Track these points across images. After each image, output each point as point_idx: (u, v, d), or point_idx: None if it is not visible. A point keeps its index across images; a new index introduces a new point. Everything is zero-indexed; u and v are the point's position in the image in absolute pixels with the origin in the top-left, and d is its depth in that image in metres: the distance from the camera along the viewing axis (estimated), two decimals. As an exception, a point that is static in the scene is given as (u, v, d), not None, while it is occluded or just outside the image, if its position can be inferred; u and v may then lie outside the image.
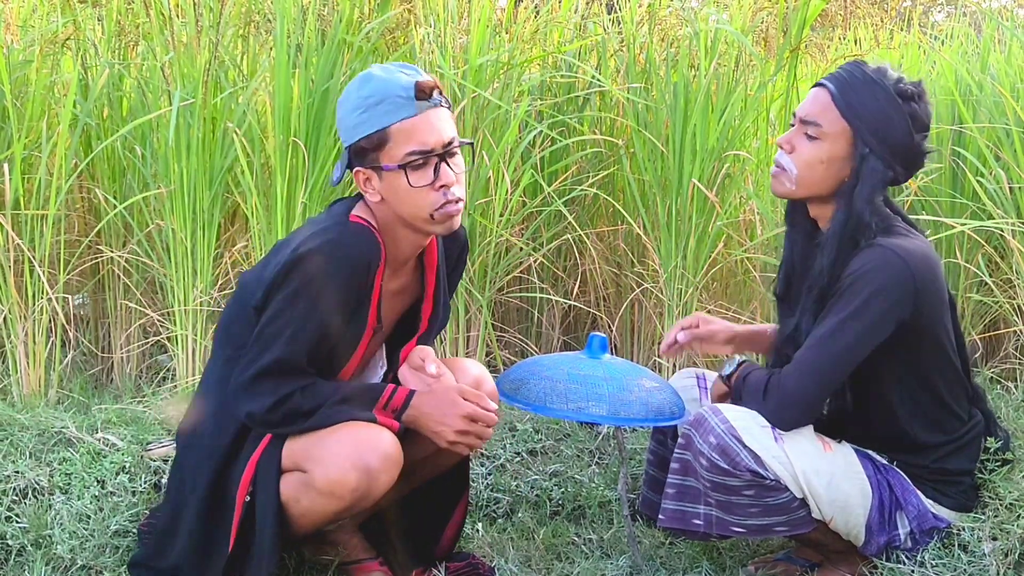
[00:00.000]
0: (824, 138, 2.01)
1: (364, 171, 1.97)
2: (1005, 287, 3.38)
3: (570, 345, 3.67)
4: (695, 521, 2.06)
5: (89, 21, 3.44)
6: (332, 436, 1.91)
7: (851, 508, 2.02)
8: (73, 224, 3.55)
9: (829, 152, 2.02)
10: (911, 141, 2.00)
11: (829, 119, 2.01)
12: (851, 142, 2.01)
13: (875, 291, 1.94)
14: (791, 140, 2.05)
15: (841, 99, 2.00)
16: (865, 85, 1.99)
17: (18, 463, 2.41)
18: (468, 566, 2.23)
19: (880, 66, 2.03)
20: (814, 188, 2.05)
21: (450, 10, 3.38)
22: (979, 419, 2.16)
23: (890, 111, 1.98)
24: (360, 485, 1.89)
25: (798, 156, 2.04)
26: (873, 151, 1.99)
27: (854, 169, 2.00)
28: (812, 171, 2.03)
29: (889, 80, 2.00)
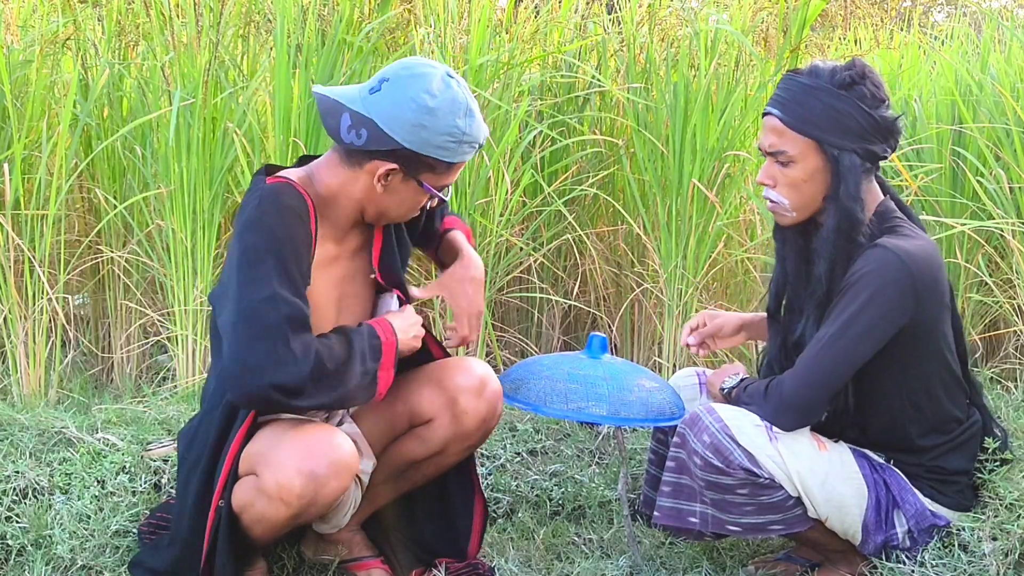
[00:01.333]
0: (795, 160, 2.02)
1: (395, 170, 1.94)
2: (1005, 287, 3.38)
3: (570, 345, 3.68)
4: (691, 519, 2.06)
5: (89, 21, 3.44)
6: (285, 440, 1.88)
7: (846, 507, 2.02)
8: (73, 224, 3.55)
9: (805, 170, 2.02)
10: (873, 119, 2.00)
11: (789, 142, 2.02)
12: (819, 151, 2.01)
13: (874, 294, 1.95)
14: (769, 174, 2.07)
15: (789, 118, 2.01)
16: (804, 93, 2.00)
17: (18, 463, 2.41)
18: (468, 566, 2.22)
19: (811, 66, 2.04)
20: (811, 207, 2.07)
21: (450, 10, 3.38)
22: (977, 418, 2.16)
23: (838, 105, 1.98)
24: (306, 491, 1.85)
25: (782, 187, 2.05)
26: (842, 149, 2.00)
27: (833, 172, 2.01)
28: (801, 193, 2.05)
29: (824, 78, 2.00)
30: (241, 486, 1.93)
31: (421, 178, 1.95)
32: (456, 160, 1.94)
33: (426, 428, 2.12)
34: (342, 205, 1.99)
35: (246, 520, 1.94)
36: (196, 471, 1.99)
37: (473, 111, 1.93)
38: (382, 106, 1.89)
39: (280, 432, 1.92)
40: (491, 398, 2.10)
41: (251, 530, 1.95)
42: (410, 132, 1.89)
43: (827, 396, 2.00)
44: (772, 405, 1.99)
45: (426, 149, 1.91)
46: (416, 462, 2.15)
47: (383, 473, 2.16)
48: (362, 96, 1.91)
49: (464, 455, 2.18)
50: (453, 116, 1.90)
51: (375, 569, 2.20)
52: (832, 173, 2.01)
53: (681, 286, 3.37)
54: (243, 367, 1.80)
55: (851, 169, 2.00)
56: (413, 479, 2.18)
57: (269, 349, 1.80)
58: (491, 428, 2.15)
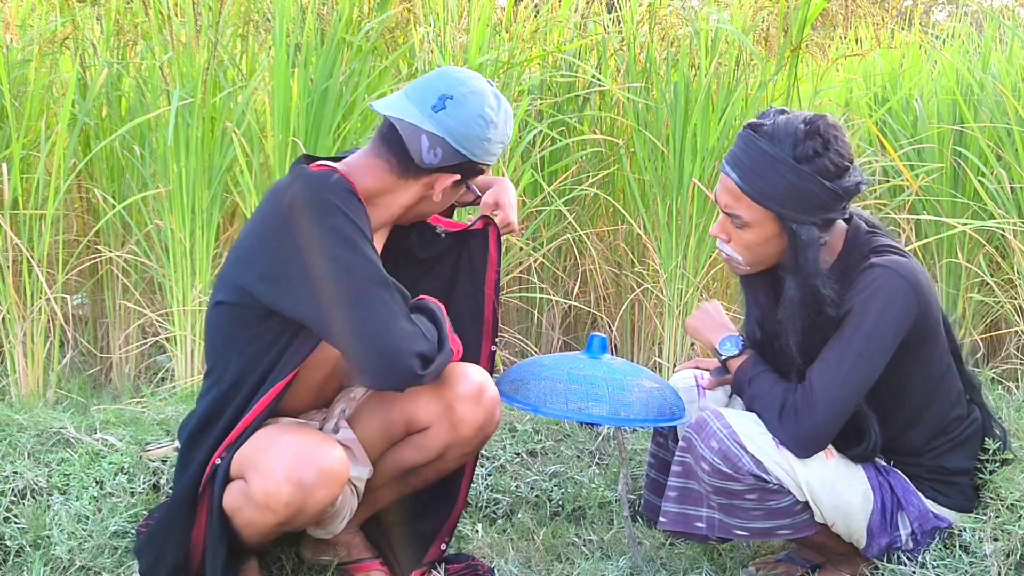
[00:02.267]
0: (750, 225, 1.99)
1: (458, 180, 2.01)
2: (1006, 287, 3.38)
3: (570, 345, 3.67)
4: (697, 524, 2.05)
5: (88, 20, 3.43)
6: (276, 446, 1.87)
7: (853, 513, 2.02)
8: (72, 224, 3.55)
9: (760, 235, 2.00)
10: (833, 193, 1.94)
11: (745, 209, 1.98)
12: (775, 220, 1.98)
13: (881, 314, 1.94)
14: (724, 230, 2.05)
15: (748, 188, 1.96)
16: (766, 164, 1.93)
17: (16, 464, 2.40)
18: (468, 567, 2.22)
19: (773, 129, 1.95)
20: (767, 262, 2.05)
21: (450, 9, 3.37)
22: (976, 416, 2.16)
23: (799, 183, 1.92)
24: (293, 500, 1.84)
25: (736, 244, 2.03)
26: (800, 222, 1.95)
27: (790, 244, 1.98)
28: (755, 253, 2.03)
29: (785, 148, 1.93)
30: (232, 489, 1.92)
31: (471, 181, 2.06)
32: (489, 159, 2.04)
33: (423, 436, 2.10)
34: (383, 207, 2.02)
35: (236, 523, 1.93)
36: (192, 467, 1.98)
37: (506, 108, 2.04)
38: (450, 125, 1.95)
39: (272, 437, 1.91)
40: (489, 405, 2.09)
41: (241, 532, 1.94)
42: (478, 146, 1.98)
43: (844, 421, 1.98)
44: (789, 434, 1.96)
45: (485, 158, 2.01)
46: (414, 468, 2.14)
47: (382, 478, 2.15)
48: (428, 115, 1.95)
49: (463, 460, 2.16)
50: (507, 125, 2.02)
51: (374, 571, 2.19)
52: (790, 245, 1.98)
53: (681, 286, 3.36)
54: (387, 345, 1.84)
55: (810, 243, 1.95)
56: (412, 484, 2.17)
57: (403, 326, 1.86)
58: (489, 435, 2.13)
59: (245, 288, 1.93)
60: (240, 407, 1.96)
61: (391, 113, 1.97)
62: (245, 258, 1.94)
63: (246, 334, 1.95)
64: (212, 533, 1.93)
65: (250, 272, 1.92)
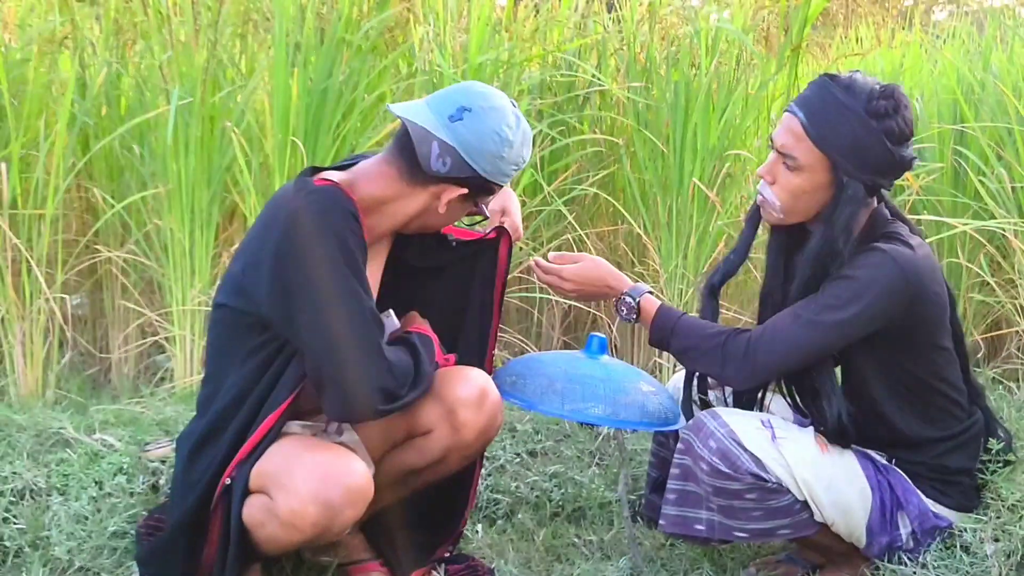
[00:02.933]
0: (803, 169, 1.98)
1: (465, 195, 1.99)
2: (1007, 287, 3.37)
3: (570, 345, 3.67)
4: (697, 527, 2.04)
5: (87, 20, 3.43)
6: (301, 463, 1.86)
7: (851, 510, 2.01)
8: (71, 224, 3.54)
9: (810, 182, 1.98)
10: (892, 157, 1.95)
11: (804, 151, 1.97)
12: (830, 170, 1.97)
13: (863, 292, 1.93)
14: (771, 171, 2.02)
15: (813, 130, 1.95)
16: (836, 111, 1.94)
17: (15, 464, 2.40)
18: (468, 568, 2.21)
19: (850, 82, 1.96)
20: (800, 215, 2.04)
21: (449, 8, 3.37)
22: (979, 416, 2.15)
23: (864, 136, 1.93)
24: (320, 520, 1.83)
25: (780, 188, 2.01)
26: (853, 177, 1.95)
27: (834, 197, 1.97)
28: (795, 200, 2.01)
29: (860, 100, 1.93)
30: (253, 503, 1.90)
31: (480, 199, 2.03)
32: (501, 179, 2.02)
33: (424, 439, 2.10)
34: (388, 215, 2.01)
35: (255, 536, 1.92)
36: (201, 483, 1.96)
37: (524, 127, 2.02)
38: (464, 136, 1.94)
39: (295, 452, 1.89)
40: (491, 410, 2.08)
41: (260, 545, 1.94)
42: (489, 162, 1.95)
43: (786, 372, 1.99)
44: (736, 362, 1.96)
45: (496, 177, 1.99)
46: (415, 470, 2.13)
47: (382, 480, 2.14)
48: (443, 123, 1.94)
49: (464, 463, 2.16)
50: (524, 147, 2.00)
51: (374, 571, 2.18)
52: (833, 196, 1.97)
53: (681, 286, 3.35)
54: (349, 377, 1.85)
55: (852, 199, 1.95)
56: (413, 486, 2.16)
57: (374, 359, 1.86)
58: (491, 439, 2.14)
59: (246, 292, 1.93)
60: (245, 422, 1.94)
61: (406, 116, 1.96)
62: (249, 263, 1.95)
63: (249, 344, 1.95)
64: (232, 553, 1.91)
65: (251, 278, 1.92)
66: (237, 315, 1.95)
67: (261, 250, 1.91)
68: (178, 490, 2.02)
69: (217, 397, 1.99)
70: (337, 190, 1.92)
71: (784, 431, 2.00)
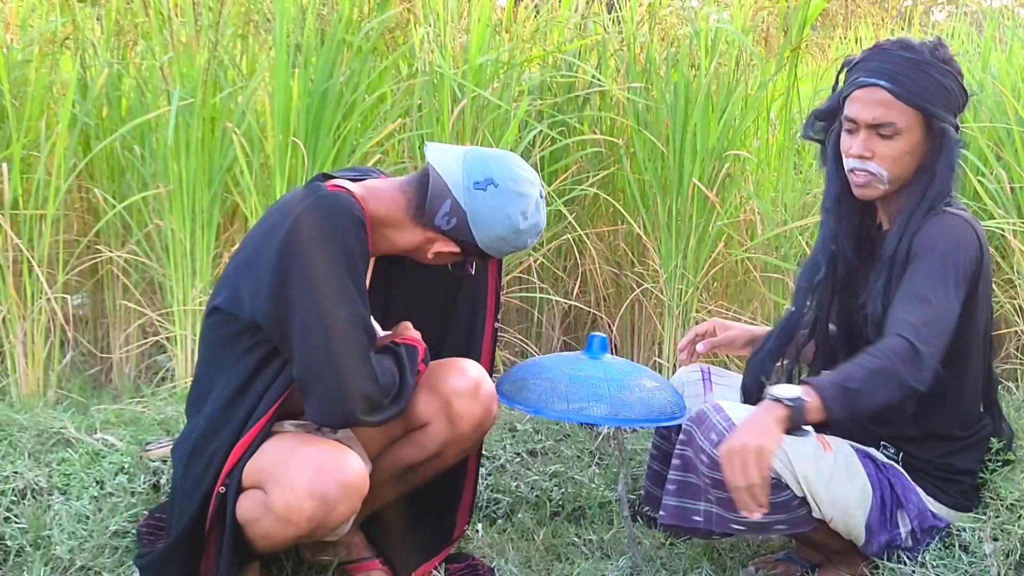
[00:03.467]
0: (901, 132, 2.03)
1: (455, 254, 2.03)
2: (1006, 287, 3.38)
3: (570, 345, 3.67)
4: (695, 518, 2.05)
5: (88, 20, 3.43)
6: (296, 457, 1.87)
7: (851, 508, 2.01)
8: (72, 224, 3.55)
9: (910, 142, 2.04)
10: (965, 95, 2.06)
11: (898, 113, 2.02)
12: (924, 124, 2.03)
13: (949, 251, 1.96)
14: (868, 147, 2.05)
15: (900, 90, 2.01)
16: (910, 67, 2.01)
17: (17, 464, 2.40)
18: (468, 567, 2.22)
19: (902, 41, 2.05)
20: (904, 179, 2.08)
21: (450, 9, 3.37)
22: (988, 421, 2.17)
23: (943, 79, 2.02)
24: (316, 514, 1.84)
25: (882, 158, 2.05)
26: (948, 123, 2.03)
27: (936, 146, 2.03)
28: (901, 165, 2.05)
29: (925, 52, 2.03)
30: (248, 499, 1.91)
31: (468, 261, 2.08)
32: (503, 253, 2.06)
33: (422, 433, 2.12)
34: (384, 238, 2.02)
35: (249, 533, 1.93)
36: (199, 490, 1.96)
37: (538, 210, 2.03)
38: (479, 207, 1.97)
39: (289, 447, 1.90)
40: (485, 400, 2.10)
41: (253, 541, 1.94)
42: (491, 239, 1.99)
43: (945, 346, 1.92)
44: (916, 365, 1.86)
45: (492, 252, 2.03)
46: (413, 465, 2.14)
47: (381, 476, 2.16)
48: (466, 186, 1.97)
49: (461, 456, 2.18)
50: (530, 237, 2.03)
51: (374, 570, 2.19)
52: (933, 147, 2.03)
53: (681, 286, 3.36)
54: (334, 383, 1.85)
55: (953, 142, 2.03)
56: (411, 481, 2.17)
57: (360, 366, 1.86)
58: (487, 430, 2.15)
59: (241, 294, 1.94)
60: (238, 427, 1.95)
61: (436, 164, 1.98)
62: (249, 265, 1.95)
63: (240, 348, 1.95)
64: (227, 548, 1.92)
65: (249, 279, 1.92)
66: (230, 319, 1.96)
67: (263, 250, 1.91)
68: (176, 499, 2.02)
69: (208, 401, 2.00)
70: (350, 197, 1.94)
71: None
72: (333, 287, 1.85)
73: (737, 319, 3.50)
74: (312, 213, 1.88)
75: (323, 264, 1.85)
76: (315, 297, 1.85)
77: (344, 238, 1.87)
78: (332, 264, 1.85)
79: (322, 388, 1.86)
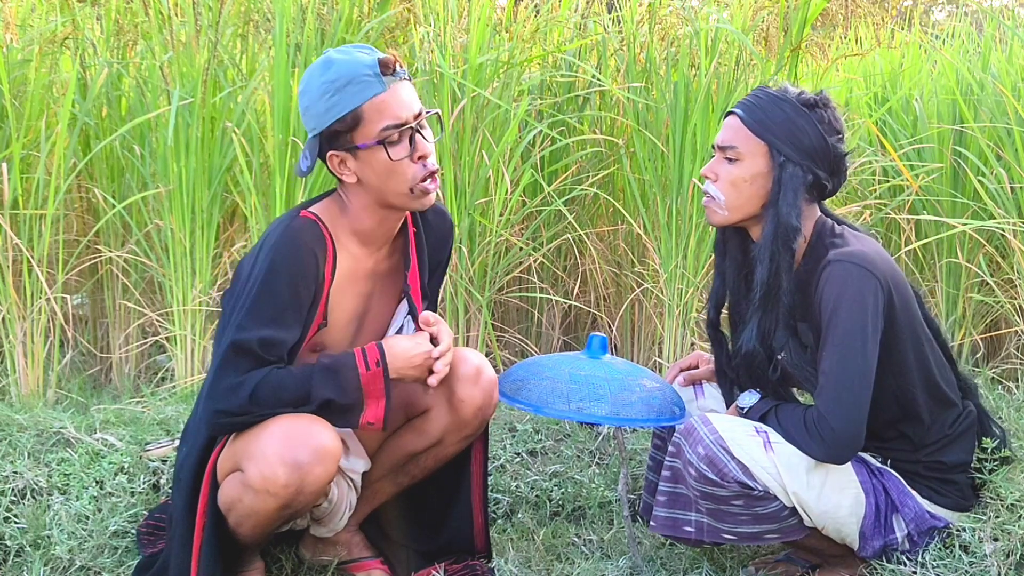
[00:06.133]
0: (743, 158, 2.07)
1: (339, 154, 1.97)
2: (1006, 287, 3.38)
3: (570, 345, 3.67)
4: (686, 528, 2.06)
5: (88, 20, 3.43)
6: (265, 432, 1.88)
7: (842, 517, 2.01)
8: (72, 224, 3.55)
9: (750, 170, 2.06)
10: (824, 144, 2.05)
11: (743, 139, 2.07)
12: (768, 156, 2.06)
13: (852, 308, 1.96)
14: (713, 169, 2.11)
15: (750, 119, 2.07)
16: (770, 102, 2.07)
17: (16, 463, 2.40)
18: (467, 567, 2.22)
19: (782, 86, 2.12)
20: (744, 209, 2.09)
21: (450, 9, 3.37)
22: (971, 409, 2.17)
23: (798, 120, 2.05)
24: (291, 480, 1.85)
25: (723, 181, 2.09)
26: (789, 159, 2.04)
27: (775, 179, 2.05)
28: (738, 191, 2.08)
29: (791, 94, 2.08)
30: (227, 484, 1.93)
31: (355, 144, 1.95)
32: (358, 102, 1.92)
33: (423, 419, 2.13)
34: (364, 219, 2.02)
35: (234, 518, 1.93)
36: (181, 483, 1.99)
37: (332, 59, 1.94)
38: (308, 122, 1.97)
39: (259, 428, 1.91)
40: (487, 386, 2.11)
41: (240, 527, 1.95)
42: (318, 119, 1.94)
43: (864, 417, 1.97)
44: (825, 444, 1.96)
45: (330, 119, 1.92)
46: (414, 455, 2.15)
47: (381, 469, 2.16)
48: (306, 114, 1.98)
49: (462, 445, 2.17)
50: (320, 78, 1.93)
51: (375, 570, 2.19)
52: (774, 180, 2.05)
53: (681, 286, 3.36)
54: (207, 389, 1.91)
55: (792, 178, 2.04)
56: (412, 473, 2.17)
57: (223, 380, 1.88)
58: (488, 416, 2.15)
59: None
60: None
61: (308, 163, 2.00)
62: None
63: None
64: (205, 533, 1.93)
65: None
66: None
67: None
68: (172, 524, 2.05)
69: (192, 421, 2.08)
70: (308, 223, 1.97)
71: (779, 436, 2.00)
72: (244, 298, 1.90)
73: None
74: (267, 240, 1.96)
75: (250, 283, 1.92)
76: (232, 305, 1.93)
77: (276, 263, 1.90)
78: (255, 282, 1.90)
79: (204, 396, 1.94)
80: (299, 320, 1.93)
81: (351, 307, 2.05)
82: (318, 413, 1.90)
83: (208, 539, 1.93)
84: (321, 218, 1.99)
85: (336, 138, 1.94)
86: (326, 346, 2.03)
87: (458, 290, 3.24)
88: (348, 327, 2.07)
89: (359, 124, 1.92)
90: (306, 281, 1.93)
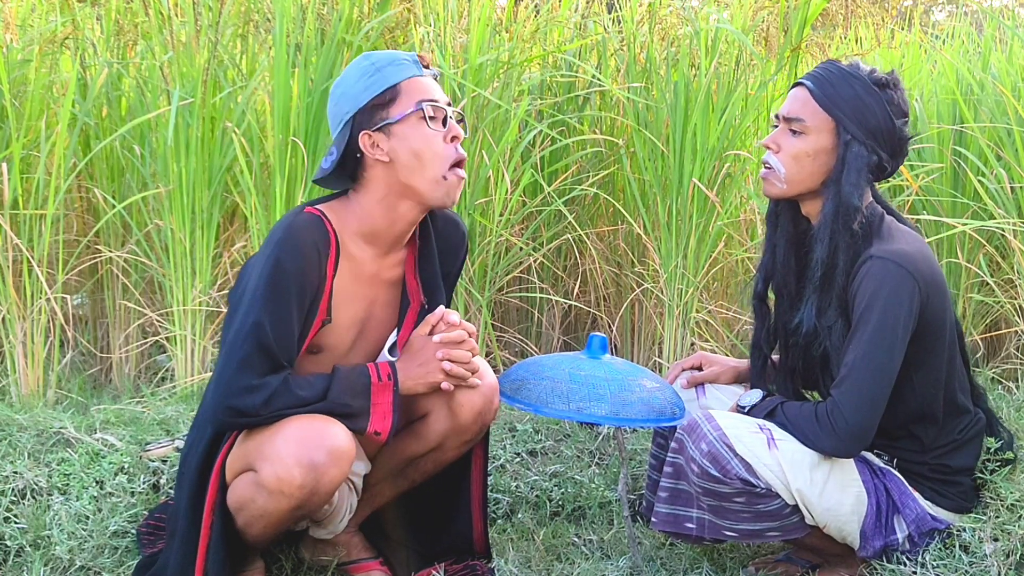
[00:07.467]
0: (808, 132, 2.05)
1: (371, 133, 1.97)
2: (1006, 287, 3.38)
3: (570, 345, 3.67)
4: (687, 524, 2.06)
5: (88, 20, 3.43)
6: (280, 433, 1.87)
7: (844, 516, 2.01)
8: (72, 224, 3.55)
9: (814, 145, 2.05)
10: (891, 126, 2.04)
11: (810, 113, 2.05)
12: (834, 132, 2.05)
13: (886, 306, 1.95)
14: (776, 140, 2.09)
15: (820, 93, 2.05)
16: (841, 78, 2.05)
17: (17, 464, 2.40)
18: (467, 567, 2.22)
19: (853, 61, 2.10)
20: (804, 184, 2.07)
21: (450, 9, 3.37)
22: (981, 416, 2.16)
23: (868, 98, 2.03)
24: (307, 482, 1.85)
25: (784, 153, 2.07)
26: (855, 137, 2.03)
27: (839, 157, 2.04)
28: (800, 166, 2.06)
29: (863, 72, 2.06)
30: (239, 484, 1.93)
31: (391, 118, 1.96)
32: (397, 79, 1.96)
33: (422, 424, 2.12)
34: (376, 215, 2.01)
35: (244, 518, 1.93)
36: (185, 481, 1.99)
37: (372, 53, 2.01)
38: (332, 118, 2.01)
39: (273, 428, 1.90)
40: (487, 391, 2.10)
41: (250, 528, 1.94)
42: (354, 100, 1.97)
43: (879, 415, 1.97)
44: (836, 435, 1.96)
45: (367, 96, 1.96)
46: (414, 459, 2.14)
47: (381, 472, 2.16)
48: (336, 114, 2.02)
49: (462, 450, 2.16)
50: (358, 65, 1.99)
51: (374, 571, 2.19)
52: (838, 158, 2.04)
53: (681, 286, 3.36)
54: (217, 384, 1.89)
55: (857, 157, 2.02)
56: (412, 477, 2.17)
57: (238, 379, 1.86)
58: (488, 421, 2.14)
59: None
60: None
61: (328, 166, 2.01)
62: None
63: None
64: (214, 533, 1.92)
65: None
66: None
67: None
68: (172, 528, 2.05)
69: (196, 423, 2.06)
70: (312, 219, 1.98)
71: (782, 434, 2.00)
72: (249, 296, 1.90)
73: (737, 319, 3.51)
74: (273, 233, 1.96)
75: (256, 279, 1.91)
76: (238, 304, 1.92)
77: (279, 258, 1.90)
78: (261, 278, 1.90)
79: (210, 393, 1.93)
80: (302, 315, 1.94)
81: (353, 310, 2.05)
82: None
83: (216, 539, 1.92)
84: (326, 214, 1.99)
85: (371, 116, 1.97)
86: (325, 348, 2.03)
87: (458, 290, 3.24)
88: (349, 330, 2.06)
89: (396, 98, 1.96)
90: (309, 276, 1.94)
